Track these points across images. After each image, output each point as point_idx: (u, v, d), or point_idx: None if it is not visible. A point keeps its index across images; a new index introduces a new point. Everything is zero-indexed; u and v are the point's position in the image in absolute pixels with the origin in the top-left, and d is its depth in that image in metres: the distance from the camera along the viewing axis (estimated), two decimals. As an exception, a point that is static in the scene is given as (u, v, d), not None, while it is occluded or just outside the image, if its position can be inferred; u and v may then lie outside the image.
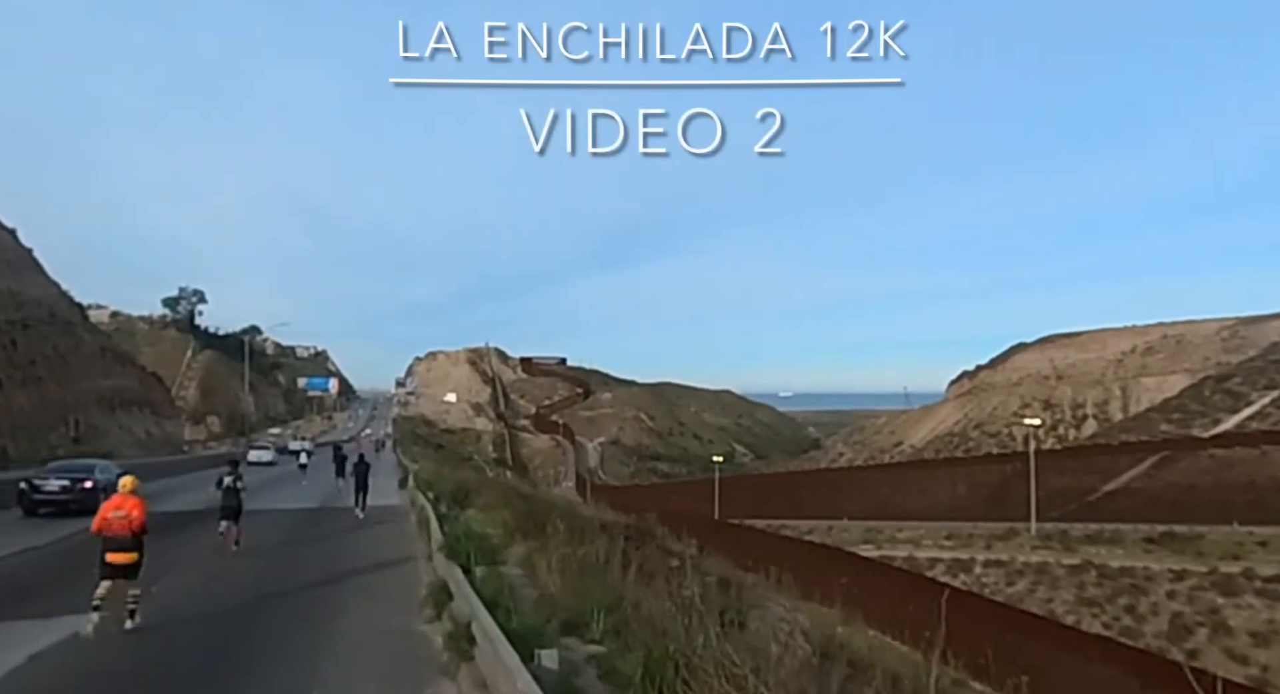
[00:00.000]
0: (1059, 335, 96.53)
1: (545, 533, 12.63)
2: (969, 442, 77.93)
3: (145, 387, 51.77)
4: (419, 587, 11.36)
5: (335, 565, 13.99)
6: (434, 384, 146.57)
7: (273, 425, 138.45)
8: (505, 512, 16.84)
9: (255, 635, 9.29)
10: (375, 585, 12.32)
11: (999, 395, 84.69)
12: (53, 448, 33.63)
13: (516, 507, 17.84)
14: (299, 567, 14.01)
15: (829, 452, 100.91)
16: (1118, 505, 44.22)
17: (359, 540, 17.53)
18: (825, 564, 28.93)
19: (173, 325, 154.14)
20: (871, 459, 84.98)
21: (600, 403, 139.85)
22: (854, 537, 43.35)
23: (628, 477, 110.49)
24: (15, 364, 31.72)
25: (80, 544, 13.00)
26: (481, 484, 27.11)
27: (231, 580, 12.52)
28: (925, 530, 43.11)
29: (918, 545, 39.35)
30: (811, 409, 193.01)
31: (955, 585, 30.91)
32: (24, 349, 33.01)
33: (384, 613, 10.28)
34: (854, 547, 38.45)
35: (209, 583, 12.38)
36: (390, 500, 25.12)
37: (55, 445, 33.97)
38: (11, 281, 34.52)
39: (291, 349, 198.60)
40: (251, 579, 12.60)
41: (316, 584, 12.30)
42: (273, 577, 12.93)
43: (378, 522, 20.39)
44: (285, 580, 12.56)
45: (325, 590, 11.91)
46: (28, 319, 34.15)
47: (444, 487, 23.14)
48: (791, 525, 53.75)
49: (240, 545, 14.67)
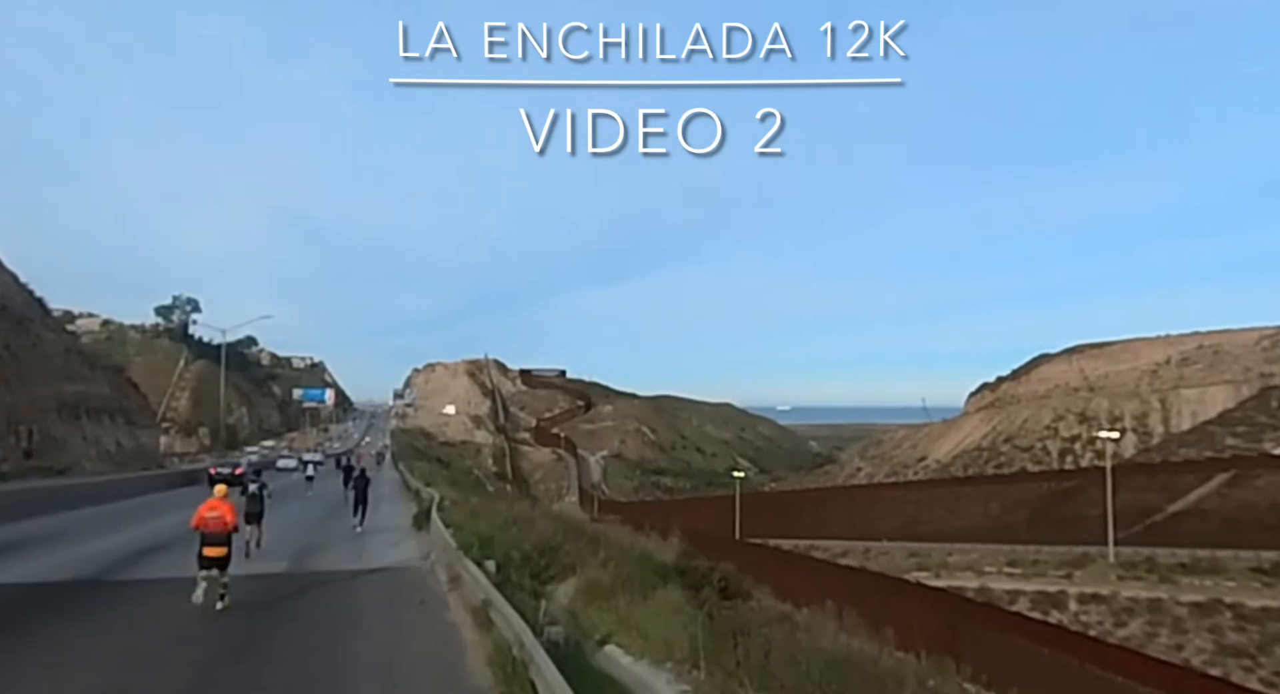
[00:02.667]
0: (1086, 345, 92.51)
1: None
2: (999, 456, 73.60)
3: (119, 393, 47.41)
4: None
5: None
6: (432, 396, 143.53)
7: (267, 437, 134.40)
8: (673, 624, 7.81)
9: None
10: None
11: (1028, 408, 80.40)
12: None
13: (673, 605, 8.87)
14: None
15: (845, 467, 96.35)
16: (1189, 527, 39.87)
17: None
18: (894, 598, 24.57)
19: (165, 334, 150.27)
20: (893, 475, 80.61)
21: (601, 415, 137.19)
22: (900, 561, 38.97)
23: (631, 491, 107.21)
24: (-51, 363, 27.38)
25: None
26: (565, 531, 14.97)
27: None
28: (978, 554, 38.74)
29: (980, 573, 34.82)
30: (810, 423, 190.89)
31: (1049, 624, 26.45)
32: (-37, 346, 28.70)
33: None
34: (907, 574, 34.02)
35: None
36: (398, 553, 16.23)
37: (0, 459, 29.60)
38: (-47, 269, 30.20)
39: (287, 360, 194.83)
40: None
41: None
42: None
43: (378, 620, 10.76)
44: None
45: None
46: (-31, 312, 29.82)
47: (499, 538, 13.18)
48: (820, 546, 49.47)
49: (261, 547, 15.13)
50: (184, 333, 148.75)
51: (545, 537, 12.94)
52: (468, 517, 17.09)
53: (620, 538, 17.19)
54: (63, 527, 19.49)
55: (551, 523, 15.89)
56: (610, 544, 13.98)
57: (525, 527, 14.52)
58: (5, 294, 34.58)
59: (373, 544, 17.65)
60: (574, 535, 14.01)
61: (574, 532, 14.91)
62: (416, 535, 18.65)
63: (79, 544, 16.54)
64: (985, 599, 30.49)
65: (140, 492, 30.98)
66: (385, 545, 17.38)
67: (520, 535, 13.27)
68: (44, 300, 40.45)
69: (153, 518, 22.23)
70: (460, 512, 18.95)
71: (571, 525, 16.69)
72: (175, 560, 14.03)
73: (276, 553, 15.42)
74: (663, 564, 12.77)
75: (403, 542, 17.91)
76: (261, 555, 14.89)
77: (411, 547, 17.07)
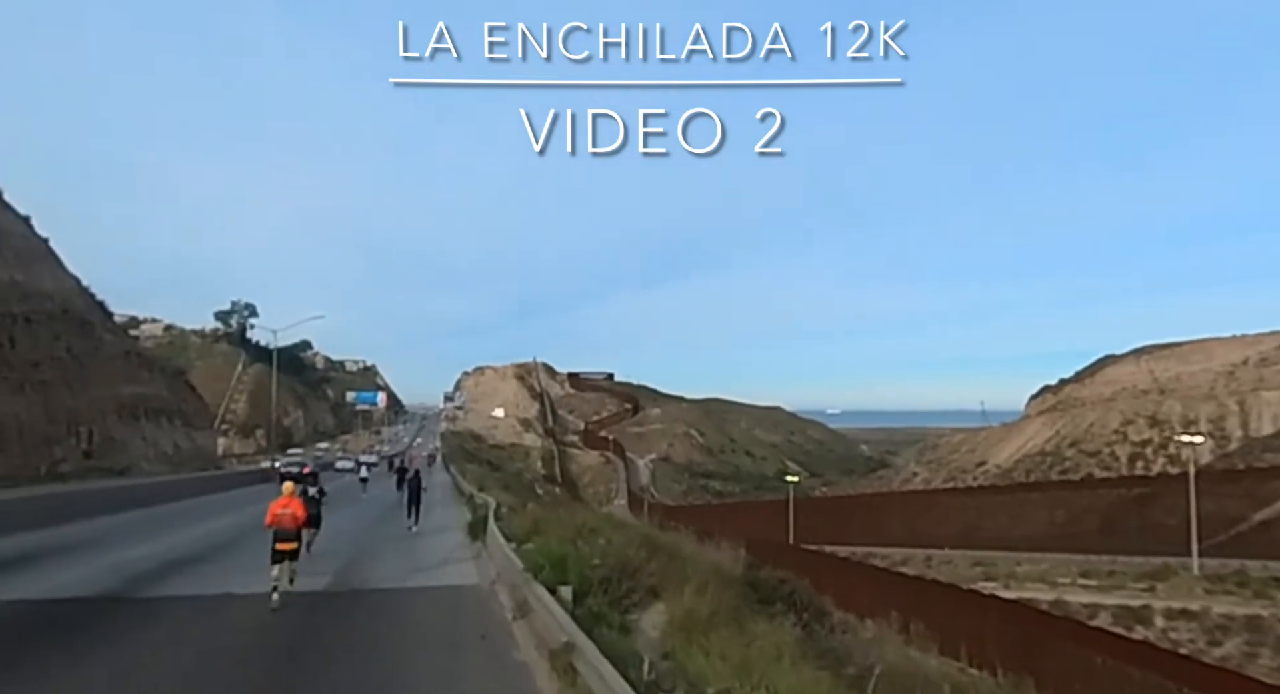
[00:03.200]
0: (1155, 346, 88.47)
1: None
2: (1064, 461, 70.68)
3: (177, 395, 48.20)
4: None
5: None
6: (482, 399, 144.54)
7: (321, 439, 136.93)
8: (802, 676, 6.63)
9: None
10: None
11: (1094, 411, 77.13)
12: (56, 462, 29.67)
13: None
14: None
15: (900, 471, 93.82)
16: (1278, 536, 37.37)
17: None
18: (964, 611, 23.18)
19: (224, 339, 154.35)
20: (951, 480, 78.12)
21: (649, 419, 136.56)
22: (964, 570, 37.28)
23: (680, 495, 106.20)
24: (11, 365, 27.79)
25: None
26: (642, 544, 13.32)
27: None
28: (1048, 564, 36.83)
29: (1053, 584, 33.00)
30: (861, 426, 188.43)
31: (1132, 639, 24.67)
32: (25, 348, 29.13)
33: None
34: (973, 584, 32.36)
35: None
36: (454, 568, 14.94)
37: (60, 458, 30.02)
38: (17, 272, 30.77)
39: (341, 363, 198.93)
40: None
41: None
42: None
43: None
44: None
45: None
46: (32, 314, 30.28)
47: (572, 557, 11.07)
48: (878, 553, 47.86)
49: (310, 551, 14.73)
50: (242, 337, 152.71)
51: (624, 553, 11.38)
52: (529, 526, 15.77)
53: (689, 548, 16.05)
54: (104, 531, 19.14)
55: (623, 534, 14.33)
56: (690, 559, 12.57)
57: (593, 538, 13.08)
58: (67, 298, 35.29)
59: (425, 556, 16.45)
60: (650, 548, 12.46)
61: (649, 544, 13.22)
62: (472, 546, 17.28)
63: (115, 551, 15.85)
64: (1061, 613, 28.74)
65: (193, 493, 31.00)
66: (439, 558, 16.24)
67: (591, 551, 11.75)
68: (105, 304, 41.36)
69: (199, 522, 22.00)
70: (520, 521, 17.63)
71: (645, 537, 14.91)
72: (206, 575, 13.42)
73: (324, 562, 14.71)
74: (733, 577, 11.69)
75: (458, 553, 16.75)
76: (309, 562, 14.12)
77: (469, 563, 15.63)
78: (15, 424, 26.71)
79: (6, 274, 29.84)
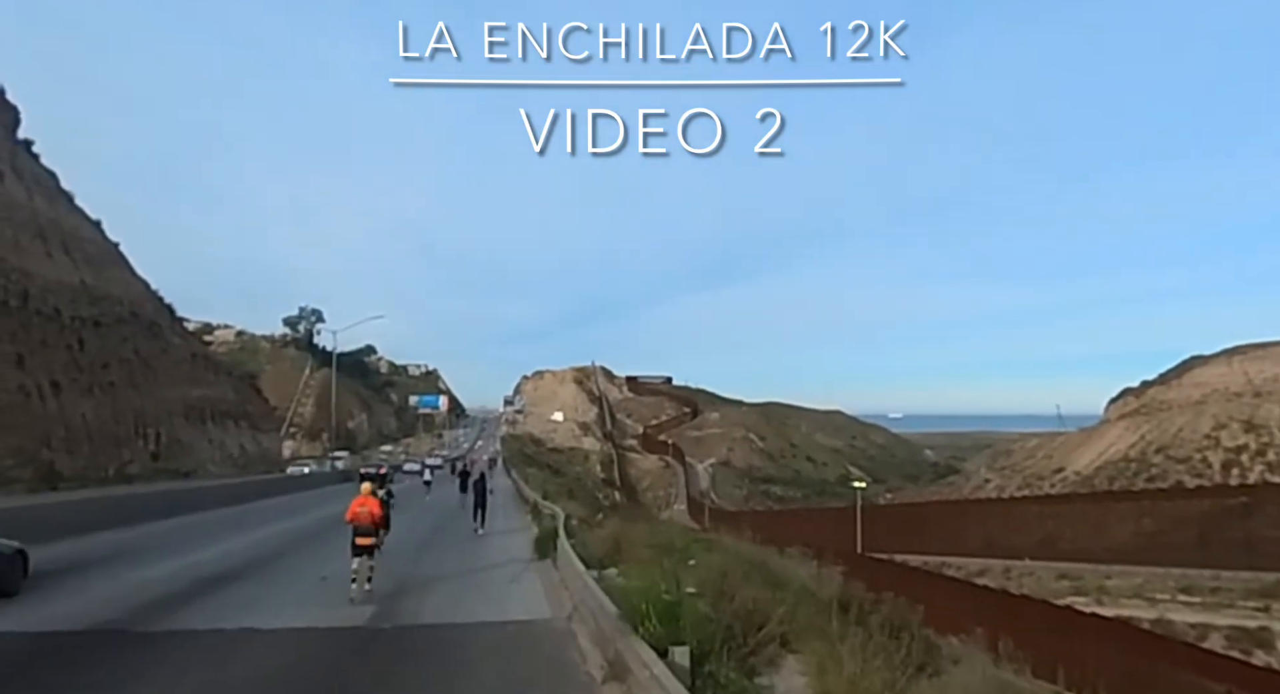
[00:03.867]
0: (1248, 346, 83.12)
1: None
2: (1150, 468, 66.69)
3: (242, 398, 48.92)
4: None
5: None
6: (541, 403, 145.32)
7: (385, 442, 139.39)
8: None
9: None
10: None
11: (1182, 415, 72.69)
12: (124, 463, 29.97)
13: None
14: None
15: (971, 477, 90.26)
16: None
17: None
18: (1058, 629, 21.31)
19: (292, 344, 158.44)
20: (1026, 487, 74.63)
21: (708, 423, 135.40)
22: (1049, 584, 34.98)
23: (740, 500, 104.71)
24: (81, 366, 28.14)
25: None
26: (753, 572, 11.77)
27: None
28: (1141, 578, 34.26)
29: (1152, 602, 30.52)
30: (924, 431, 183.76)
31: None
32: (94, 350, 29.52)
33: None
34: (1062, 598, 30.18)
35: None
36: (521, 595, 12.97)
37: (128, 460, 30.33)
38: (88, 275, 31.30)
39: (404, 368, 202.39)
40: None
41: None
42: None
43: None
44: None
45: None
46: (101, 317, 30.74)
47: (687, 605, 8.35)
48: (952, 563, 45.62)
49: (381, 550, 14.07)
50: (309, 342, 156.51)
51: (724, 578, 9.11)
52: (608, 546, 13.86)
53: (775, 563, 14.42)
54: (152, 538, 18.48)
55: (717, 552, 12.40)
56: (783, 580, 10.69)
57: (682, 557, 11.09)
58: (135, 301, 35.89)
59: (488, 575, 14.90)
60: (759, 575, 10.46)
61: (744, 563, 11.49)
62: (540, 565, 15.44)
63: (143, 566, 14.54)
64: (1165, 633, 26.34)
65: (254, 496, 30.71)
66: (504, 580, 14.39)
67: (684, 576, 9.48)
68: (173, 308, 42.12)
69: (249, 529, 21.13)
70: (595, 538, 15.57)
71: (737, 555, 12.96)
72: (234, 600, 11.75)
73: (375, 582, 12.79)
74: (826, 598, 10.27)
75: (524, 575, 14.87)
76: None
77: (536, 583, 13.72)
78: (84, 426, 27.01)
79: (77, 277, 30.37)
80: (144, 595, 11.92)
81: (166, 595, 12.02)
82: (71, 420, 26.19)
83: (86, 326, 29.30)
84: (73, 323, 28.43)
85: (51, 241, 29.10)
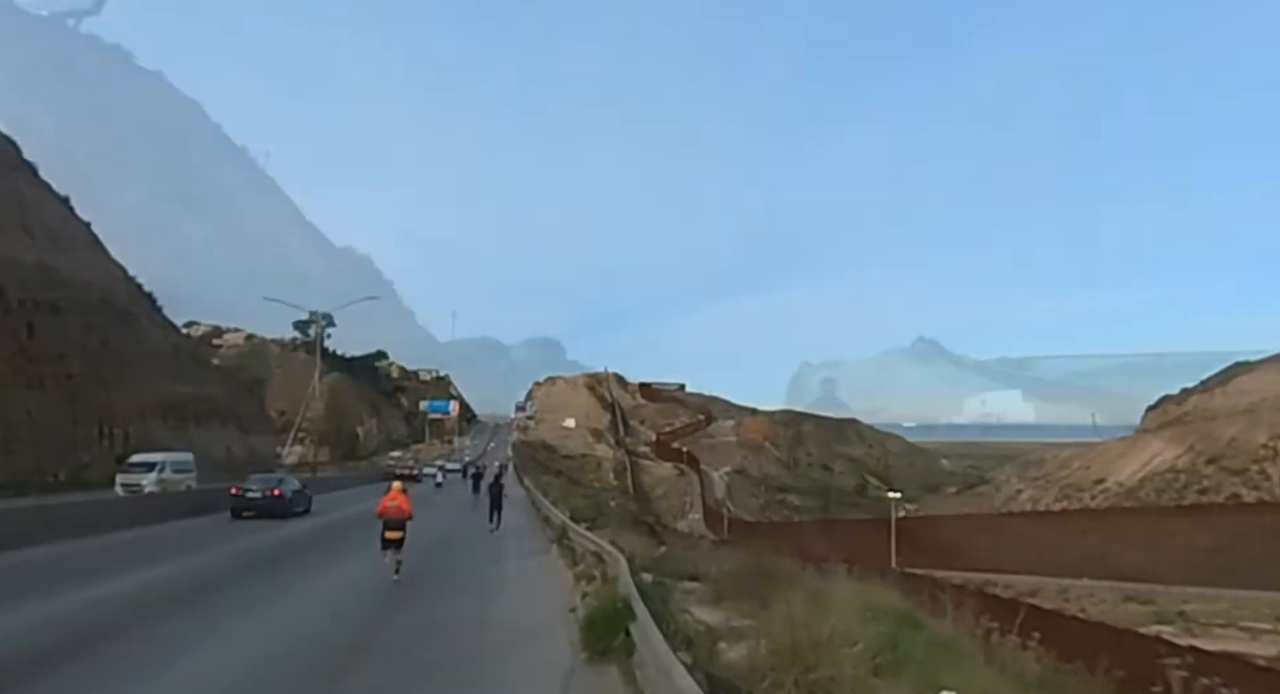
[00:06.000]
0: (1296, 352, 78.92)
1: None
2: (1202, 480, 62.27)
3: (232, 398, 45.68)
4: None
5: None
6: (553, 409, 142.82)
7: (393, 448, 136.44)
8: None
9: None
10: None
11: (1233, 424, 68.21)
12: (81, 466, 26.47)
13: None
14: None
15: (1002, 488, 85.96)
16: None
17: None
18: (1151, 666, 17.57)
19: (302, 348, 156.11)
20: (1064, 499, 70.36)
21: (723, 430, 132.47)
22: (1116, 607, 31.04)
23: (757, 509, 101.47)
24: (31, 356, 24.80)
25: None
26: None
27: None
28: (1226, 602, 30.29)
29: (1253, 633, 26.51)
30: (939, 440, 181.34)
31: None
32: (49, 339, 26.23)
33: None
34: (1142, 627, 26.29)
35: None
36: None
37: (85, 463, 26.85)
38: (49, 255, 27.92)
39: (415, 373, 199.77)
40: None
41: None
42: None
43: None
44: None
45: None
46: (61, 302, 27.39)
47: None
48: (998, 581, 41.73)
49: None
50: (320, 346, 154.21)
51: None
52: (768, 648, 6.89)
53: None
54: (53, 562, 14.69)
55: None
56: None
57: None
58: (108, 287, 32.59)
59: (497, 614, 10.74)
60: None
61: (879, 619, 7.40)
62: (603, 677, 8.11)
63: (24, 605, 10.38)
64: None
65: (213, 509, 25.01)
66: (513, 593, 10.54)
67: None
68: (153, 296, 38.63)
69: (189, 552, 16.57)
70: (707, 603, 10.18)
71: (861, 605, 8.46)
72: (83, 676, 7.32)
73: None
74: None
75: (529, 604, 10.91)
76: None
77: (561, 643, 9.03)
78: (29, 424, 23.67)
79: (34, 256, 27.05)
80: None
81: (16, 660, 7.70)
82: (11, 417, 22.85)
83: (40, 311, 26.01)
84: (22, 306, 25.13)
85: (4, 216, 25.87)
